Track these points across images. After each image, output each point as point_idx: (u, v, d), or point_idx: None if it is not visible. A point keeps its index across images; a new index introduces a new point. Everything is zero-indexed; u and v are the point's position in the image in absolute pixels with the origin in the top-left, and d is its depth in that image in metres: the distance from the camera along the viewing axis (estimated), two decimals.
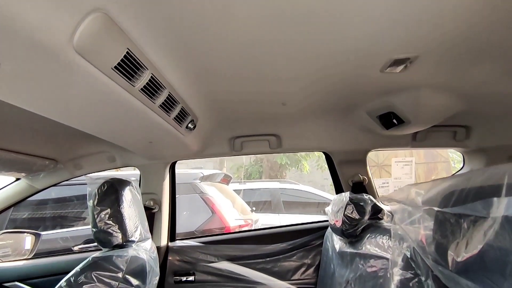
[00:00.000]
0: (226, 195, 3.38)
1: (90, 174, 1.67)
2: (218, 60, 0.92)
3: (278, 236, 1.68)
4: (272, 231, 1.75)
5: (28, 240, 2.08)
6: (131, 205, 1.28)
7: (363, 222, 1.14)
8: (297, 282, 1.57)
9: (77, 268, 1.09)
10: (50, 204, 3.64)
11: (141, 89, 0.85)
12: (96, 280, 1.06)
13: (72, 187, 3.44)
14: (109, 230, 1.17)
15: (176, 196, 1.84)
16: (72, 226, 3.37)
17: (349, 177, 1.64)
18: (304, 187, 5.31)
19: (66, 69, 0.64)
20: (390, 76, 1.01)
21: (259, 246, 1.64)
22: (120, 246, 1.19)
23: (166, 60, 0.88)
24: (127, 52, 0.72)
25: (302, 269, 1.59)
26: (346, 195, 1.22)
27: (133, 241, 1.23)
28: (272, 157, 8.53)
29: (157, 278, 1.41)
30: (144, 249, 1.29)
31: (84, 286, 1.04)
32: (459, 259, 0.42)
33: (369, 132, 1.54)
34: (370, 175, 1.66)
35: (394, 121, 1.35)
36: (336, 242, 1.33)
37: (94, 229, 1.18)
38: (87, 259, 1.12)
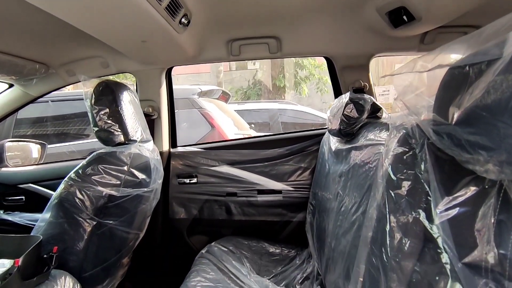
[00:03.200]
0: (224, 112, 3.38)
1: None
2: None
3: (277, 142, 1.73)
4: (271, 138, 1.79)
5: (35, 149, 2.16)
6: (129, 107, 1.27)
7: (361, 121, 1.15)
8: (293, 183, 1.68)
9: (83, 162, 1.13)
10: (51, 122, 3.67)
11: None
12: (103, 173, 1.12)
13: (72, 103, 3.42)
14: (110, 129, 1.19)
15: (175, 111, 1.83)
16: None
17: (350, 83, 1.61)
18: (303, 108, 5.30)
19: None
20: None
21: (258, 151, 1.70)
22: (122, 145, 1.23)
23: None
24: None
25: (299, 172, 1.68)
26: (346, 95, 1.21)
27: (134, 141, 1.26)
28: (271, 79, 8.34)
29: (162, 178, 1.50)
30: (146, 149, 1.33)
31: (93, 177, 1.10)
32: (461, 110, 0.42)
33: (375, 34, 1.44)
34: (371, 82, 1.62)
35: (404, 17, 1.26)
36: (333, 144, 1.37)
37: (95, 128, 1.19)
38: (92, 154, 1.16)
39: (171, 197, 1.70)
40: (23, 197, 1.75)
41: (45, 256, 1.00)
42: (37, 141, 2.21)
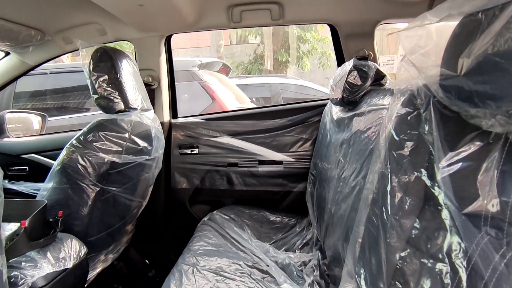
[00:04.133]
0: (225, 85, 3.34)
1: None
2: None
3: (278, 113, 1.71)
4: (272, 108, 1.78)
5: (35, 121, 2.15)
6: (128, 75, 1.25)
7: (364, 88, 1.13)
8: (294, 154, 1.68)
9: (84, 129, 1.13)
10: (50, 95, 3.64)
11: None
12: (104, 139, 1.12)
13: (71, 76, 3.38)
14: (110, 96, 1.18)
15: (176, 83, 1.80)
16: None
17: (354, 52, 1.56)
18: (306, 83, 5.22)
19: None
20: None
21: (259, 121, 1.69)
22: (123, 112, 1.22)
23: None
24: None
25: (300, 143, 1.68)
26: (349, 63, 1.18)
27: (135, 109, 1.25)
28: (273, 53, 8.15)
29: (163, 148, 1.50)
30: (147, 117, 1.32)
31: (94, 144, 1.11)
32: (471, 59, 0.40)
33: None
34: (376, 51, 1.58)
35: None
36: (335, 114, 1.35)
37: (94, 96, 1.18)
38: (93, 122, 1.16)
39: (173, 168, 1.71)
40: (27, 167, 1.77)
41: (50, 220, 1.02)
42: (38, 112, 2.20)
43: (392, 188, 0.63)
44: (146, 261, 1.74)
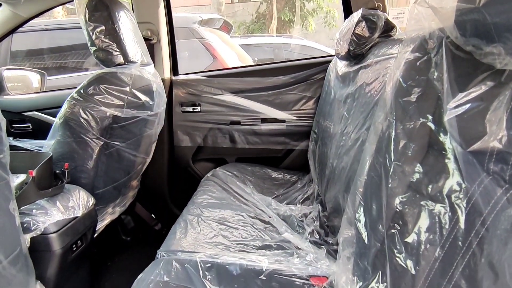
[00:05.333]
0: (227, 44, 3.22)
1: None
2: None
3: (281, 70, 1.67)
4: (276, 65, 1.73)
5: (35, 79, 2.12)
6: (126, 26, 1.20)
7: (372, 40, 1.09)
8: (297, 112, 1.67)
9: (84, 82, 1.11)
10: (48, 54, 3.55)
11: None
12: (105, 93, 1.11)
13: (68, 34, 3.27)
14: (108, 48, 1.14)
15: (176, 41, 1.73)
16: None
17: (363, 3, 1.48)
18: (310, 43, 5.02)
19: None
20: None
21: (262, 79, 1.65)
22: (122, 65, 1.19)
23: None
24: None
25: (303, 101, 1.66)
26: (357, 13, 1.12)
27: (134, 62, 1.22)
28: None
29: (165, 105, 1.49)
30: (147, 72, 1.29)
31: (95, 97, 1.09)
32: None
33: None
34: (385, 2, 1.49)
35: None
36: (340, 69, 1.31)
37: (92, 48, 1.14)
38: (92, 75, 1.13)
39: (175, 126, 1.71)
40: (30, 124, 1.77)
41: (57, 172, 1.05)
42: (36, 70, 2.15)
43: (396, 135, 0.62)
44: (152, 215, 1.81)
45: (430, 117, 0.57)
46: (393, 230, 0.59)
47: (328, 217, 1.11)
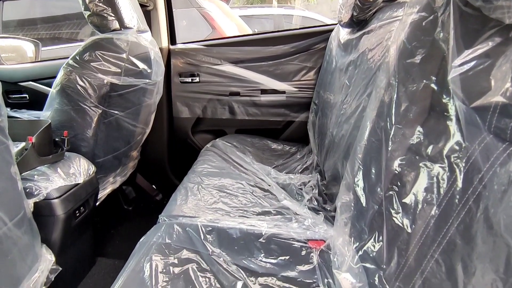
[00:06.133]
0: (226, 15, 3.11)
1: None
2: None
3: (282, 39, 1.63)
4: (276, 34, 1.68)
5: (29, 49, 2.07)
6: None
7: (376, 4, 1.04)
8: (297, 83, 1.64)
9: (80, 48, 1.08)
10: (41, 25, 3.44)
11: None
12: (101, 59, 1.08)
13: (59, 3, 3.15)
14: (103, 13, 1.10)
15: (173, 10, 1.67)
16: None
17: None
18: (312, 14, 4.85)
19: None
20: None
21: (262, 48, 1.61)
22: (118, 31, 1.15)
23: None
24: None
25: (303, 72, 1.63)
26: None
27: (130, 28, 1.18)
28: None
29: (163, 74, 1.46)
30: (144, 39, 1.26)
31: (91, 64, 1.07)
32: None
33: None
34: None
35: None
36: (342, 37, 1.28)
37: (86, 12, 1.10)
38: (87, 41, 1.10)
39: (174, 96, 1.69)
40: (27, 95, 1.75)
41: (57, 139, 1.04)
42: (30, 39, 2.10)
43: (398, 97, 0.61)
44: (153, 186, 1.84)
45: (433, 78, 0.56)
46: (391, 192, 0.60)
47: (327, 185, 1.12)
